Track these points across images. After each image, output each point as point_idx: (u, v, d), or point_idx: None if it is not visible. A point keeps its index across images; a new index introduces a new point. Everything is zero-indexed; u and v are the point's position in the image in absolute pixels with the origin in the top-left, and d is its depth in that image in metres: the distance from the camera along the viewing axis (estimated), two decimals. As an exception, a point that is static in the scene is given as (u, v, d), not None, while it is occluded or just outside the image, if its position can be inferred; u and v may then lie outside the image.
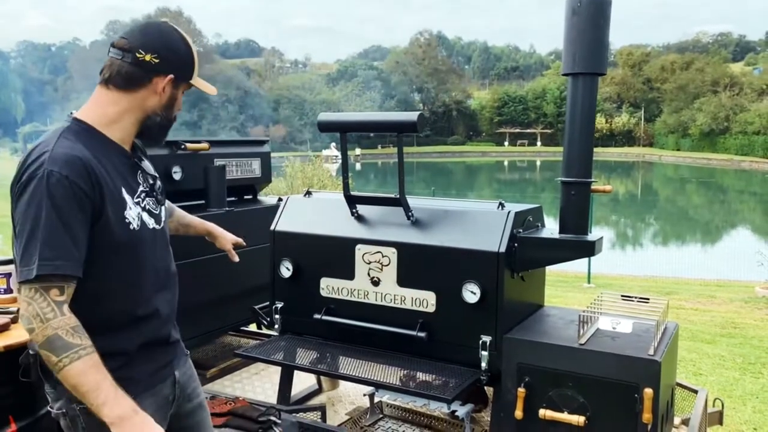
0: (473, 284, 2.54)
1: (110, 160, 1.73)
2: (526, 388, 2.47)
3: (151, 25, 1.86)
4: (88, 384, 1.57)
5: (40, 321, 1.55)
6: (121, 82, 1.75)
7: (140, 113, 1.79)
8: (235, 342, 4.20)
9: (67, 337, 1.56)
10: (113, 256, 1.71)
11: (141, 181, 1.84)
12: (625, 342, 2.44)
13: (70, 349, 1.55)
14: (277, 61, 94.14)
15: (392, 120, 2.72)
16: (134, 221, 1.75)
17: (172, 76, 1.79)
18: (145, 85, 1.77)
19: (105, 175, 1.68)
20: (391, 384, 2.52)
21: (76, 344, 1.56)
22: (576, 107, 2.58)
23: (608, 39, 2.55)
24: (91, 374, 1.57)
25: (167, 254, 1.93)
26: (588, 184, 2.61)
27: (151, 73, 1.76)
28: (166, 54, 1.78)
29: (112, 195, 1.69)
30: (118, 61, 1.75)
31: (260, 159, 4.01)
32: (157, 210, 1.88)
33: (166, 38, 1.81)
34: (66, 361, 1.54)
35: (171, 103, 1.84)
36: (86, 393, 1.57)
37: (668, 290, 11.09)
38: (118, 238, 1.70)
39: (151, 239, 1.82)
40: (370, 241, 2.77)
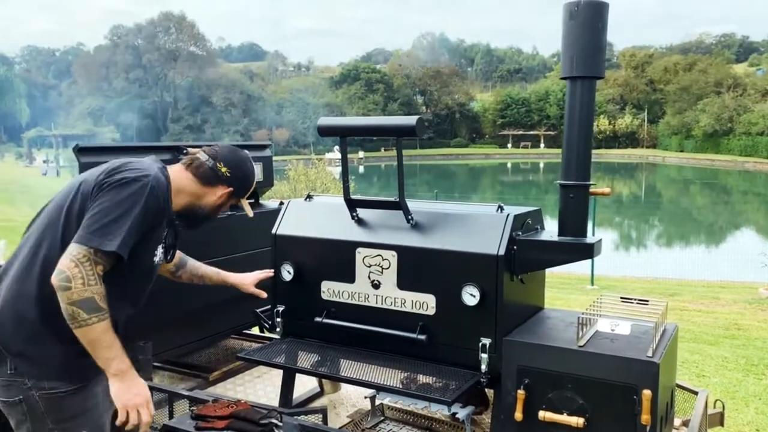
0: (473, 287, 2.56)
1: (169, 210, 2.22)
2: (525, 390, 2.48)
3: (236, 151, 2.46)
4: (106, 341, 1.96)
5: (83, 283, 1.90)
6: (197, 174, 2.31)
7: (196, 201, 2.32)
8: (237, 345, 4.22)
9: (100, 302, 1.93)
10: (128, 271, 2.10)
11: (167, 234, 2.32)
12: (624, 344, 2.45)
13: (100, 311, 1.93)
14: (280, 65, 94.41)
15: (391, 124, 2.74)
16: (157, 256, 2.27)
17: (231, 190, 2.37)
18: (211, 186, 2.33)
19: (166, 215, 2.18)
20: (392, 386, 2.54)
21: (104, 308, 1.95)
22: (574, 110, 2.60)
23: (606, 42, 2.56)
24: (109, 334, 1.97)
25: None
26: (587, 187, 2.62)
27: (218, 181, 2.33)
28: (237, 174, 2.37)
29: (161, 230, 2.18)
30: (203, 160, 2.33)
31: (262, 163, 4.03)
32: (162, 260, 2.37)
33: (243, 163, 2.41)
34: (95, 320, 1.92)
35: (219, 207, 2.39)
36: (102, 348, 1.96)
37: (671, 292, 11.09)
38: (144, 260, 2.16)
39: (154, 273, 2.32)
40: (371, 245, 2.79)
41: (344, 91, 73.32)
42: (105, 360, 1.98)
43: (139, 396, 2.05)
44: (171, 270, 2.71)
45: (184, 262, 2.75)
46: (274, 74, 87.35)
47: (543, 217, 2.94)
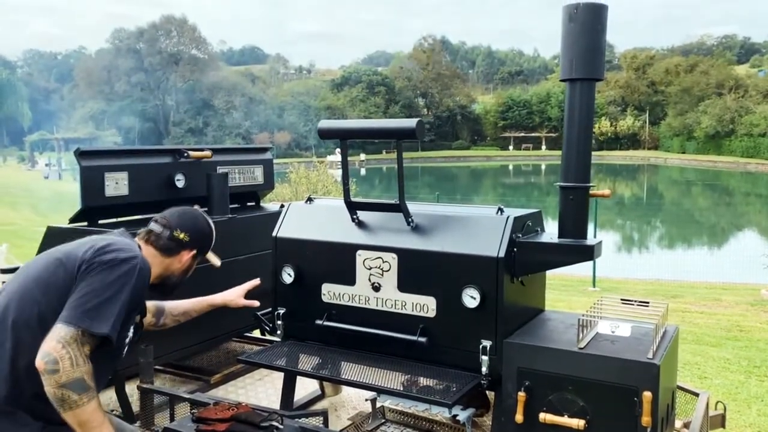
0: (473, 289, 2.56)
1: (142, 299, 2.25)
2: (526, 392, 2.47)
3: (187, 212, 2.46)
4: (97, 420, 1.91)
5: (71, 365, 1.84)
6: (159, 247, 2.32)
7: (163, 272, 2.34)
8: (238, 348, 4.23)
9: (89, 381, 1.89)
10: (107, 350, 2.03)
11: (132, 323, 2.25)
12: (624, 345, 2.45)
13: (89, 390, 1.88)
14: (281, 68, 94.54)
15: (391, 127, 2.74)
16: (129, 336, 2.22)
17: (195, 252, 2.40)
18: (174, 255, 2.35)
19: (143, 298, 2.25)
20: (393, 389, 2.54)
21: (93, 387, 1.90)
22: (574, 112, 2.60)
23: (605, 45, 2.57)
24: (100, 412, 1.93)
25: None
26: (586, 189, 2.62)
27: (180, 248, 2.36)
28: (195, 236, 2.39)
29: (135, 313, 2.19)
30: (158, 232, 2.33)
31: (263, 166, 4.05)
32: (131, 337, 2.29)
33: (197, 222, 2.43)
34: (85, 400, 1.87)
35: (188, 270, 2.42)
36: (93, 429, 1.89)
37: (673, 293, 11.07)
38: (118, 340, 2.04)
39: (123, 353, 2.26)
40: (371, 247, 2.79)
41: (345, 94, 73.37)
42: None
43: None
44: (152, 323, 2.63)
45: (161, 309, 2.68)
46: (275, 77, 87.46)
47: (544, 219, 2.94)
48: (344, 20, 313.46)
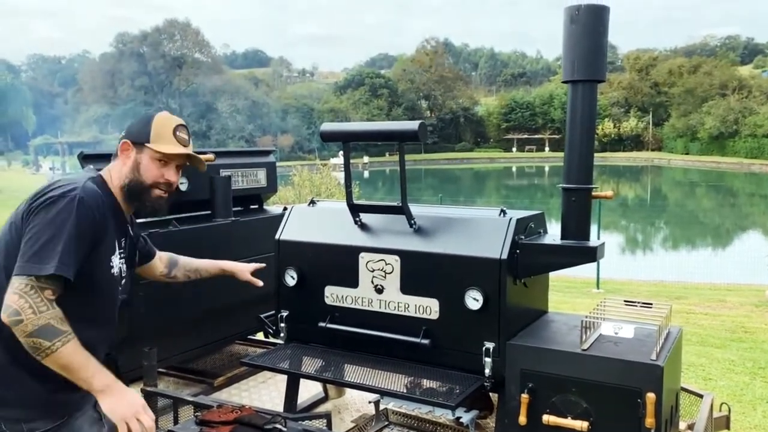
0: (476, 291, 2.56)
1: (114, 216, 2.13)
2: (529, 394, 2.47)
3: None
4: (79, 361, 1.87)
5: (33, 312, 1.81)
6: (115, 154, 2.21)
7: (120, 179, 2.16)
8: (242, 351, 4.23)
9: (58, 325, 1.85)
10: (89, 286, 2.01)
11: (125, 244, 2.23)
12: (627, 347, 2.45)
13: (61, 334, 1.84)
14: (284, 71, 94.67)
15: (394, 129, 2.75)
16: (115, 268, 2.13)
17: (128, 141, 2.17)
18: (118, 154, 2.19)
19: (110, 222, 2.07)
20: (396, 391, 2.54)
21: (66, 330, 1.86)
22: (576, 114, 2.60)
23: (607, 46, 2.57)
24: (80, 353, 1.88)
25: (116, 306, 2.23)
26: (589, 190, 2.62)
27: (120, 143, 2.18)
28: (129, 127, 2.22)
29: (109, 239, 2.07)
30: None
31: (266, 169, 4.05)
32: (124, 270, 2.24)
33: (138, 117, 2.26)
34: (59, 345, 1.83)
35: (136, 167, 2.15)
36: (77, 369, 1.87)
37: (678, 295, 11.04)
38: (98, 273, 2.04)
39: (117, 288, 2.18)
40: (374, 249, 2.79)
41: (348, 97, 73.46)
42: (85, 380, 1.89)
43: (134, 405, 1.94)
44: (163, 272, 2.65)
45: (175, 261, 2.70)
46: (278, 80, 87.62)
47: (546, 220, 2.94)
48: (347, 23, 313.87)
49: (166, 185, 2.19)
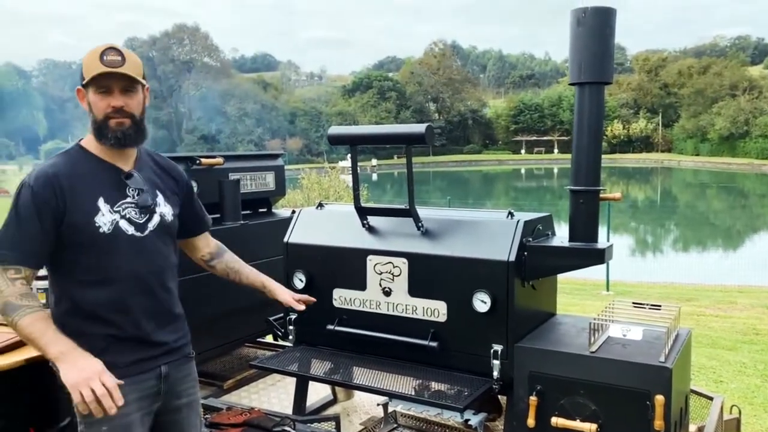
0: (483, 293, 2.56)
1: (94, 175, 2.07)
2: (538, 396, 2.47)
3: None
4: (35, 332, 1.89)
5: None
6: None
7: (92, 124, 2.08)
8: (251, 353, 4.25)
9: (16, 300, 1.90)
10: (82, 254, 2.01)
11: (130, 193, 2.10)
12: (636, 349, 2.45)
13: (19, 309, 1.89)
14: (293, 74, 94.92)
15: (401, 132, 2.76)
16: (105, 226, 2.02)
17: (79, 87, 2.10)
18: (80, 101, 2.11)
19: (76, 185, 2.01)
20: (404, 393, 2.54)
21: (24, 305, 1.90)
22: (583, 116, 2.60)
23: (614, 48, 2.57)
24: (37, 325, 1.89)
25: (155, 263, 2.14)
26: (596, 192, 2.62)
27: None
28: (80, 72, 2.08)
29: (79, 203, 2.00)
30: None
31: (274, 172, 4.07)
32: (141, 219, 2.11)
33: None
34: (16, 318, 1.89)
35: (90, 107, 2.07)
36: (35, 340, 1.89)
37: (688, 297, 10.97)
38: (85, 239, 2.00)
39: (127, 244, 2.06)
40: (381, 252, 2.80)
41: (357, 100, 73.55)
42: (42, 349, 1.90)
43: (85, 370, 1.83)
44: (204, 257, 2.53)
45: (221, 252, 2.56)
46: (287, 84, 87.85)
47: (557, 222, 2.94)
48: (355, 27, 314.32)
49: (116, 111, 2.05)
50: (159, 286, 2.14)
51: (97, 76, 2.01)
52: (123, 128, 2.05)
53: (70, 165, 2.04)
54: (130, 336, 2.06)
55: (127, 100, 2.06)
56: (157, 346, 2.14)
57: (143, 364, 2.09)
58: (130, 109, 2.07)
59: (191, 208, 2.39)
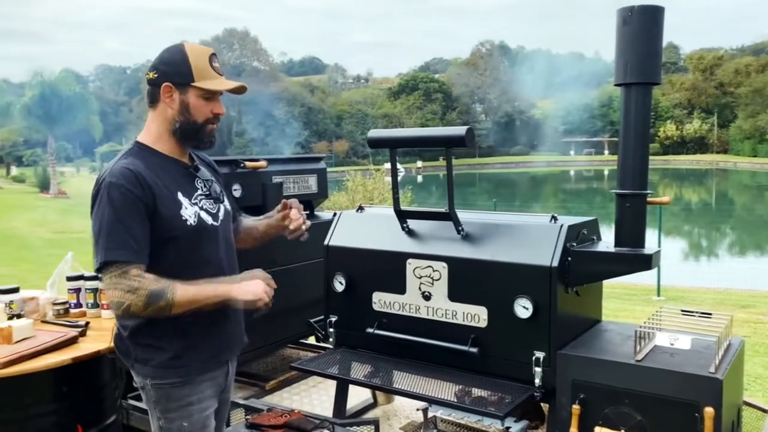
0: (525, 299, 2.52)
1: (166, 170, 2.09)
2: (581, 405, 2.41)
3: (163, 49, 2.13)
4: (195, 292, 1.96)
5: (132, 293, 1.90)
6: (148, 102, 2.11)
7: (167, 124, 2.10)
8: (294, 354, 4.28)
9: (156, 285, 1.92)
10: (173, 246, 2.03)
11: (200, 186, 2.17)
12: (684, 359, 2.36)
13: (165, 290, 1.92)
14: (339, 77, 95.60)
15: (441, 135, 2.73)
16: (191, 218, 2.07)
17: (169, 84, 2.05)
18: (158, 99, 2.08)
19: (158, 182, 2.02)
20: (444, 399, 2.52)
21: (164, 285, 1.93)
22: (630, 118, 2.54)
23: (662, 48, 2.49)
24: (190, 288, 1.96)
25: (227, 249, 2.24)
26: (644, 196, 2.55)
27: (157, 88, 2.07)
28: (162, 68, 2.07)
29: (165, 197, 2.02)
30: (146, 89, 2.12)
31: (317, 175, 4.09)
32: (214, 209, 2.18)
33: (165, 54, 2.09)
34: (171, 297, 1.92)
35: (185, 108, 2.07)
36: (200, 298, 1.96)
37: (744, 303, 10.58)
38: (176, 231, 2.03)
39: (209, 234, 2.12)
40: (421, 256, 2.78)
41: (402, 102, 73.57)
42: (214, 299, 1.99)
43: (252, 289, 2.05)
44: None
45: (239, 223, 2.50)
46: (334, 87, 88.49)
47: (607, 226, 2.87)
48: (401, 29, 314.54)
49: (215, 118, 2.14)
50: (232, 272, 2.22)
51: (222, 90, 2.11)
52: (214, 134, 2.16)
53: (143, 162, 2.04)
54: (212, 327, 2.13)
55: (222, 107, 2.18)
56: (230, 338, 2.24)
57: (220, 356, 2.19)
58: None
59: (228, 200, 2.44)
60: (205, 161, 2.35)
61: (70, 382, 2.42)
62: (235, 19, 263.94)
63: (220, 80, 2.11)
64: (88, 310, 2.84)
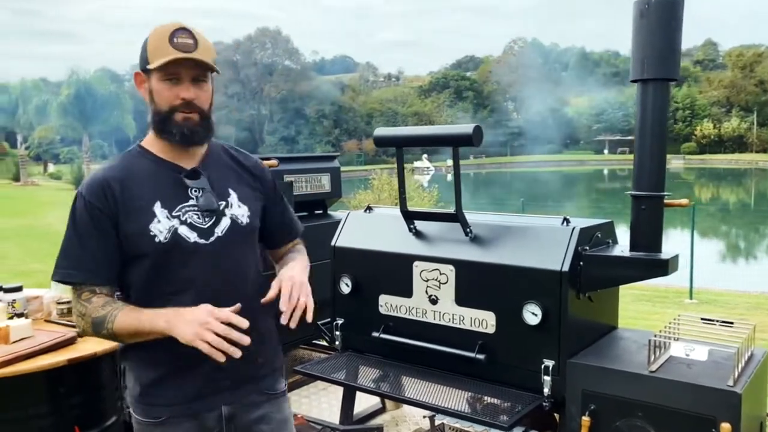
0: (534, 305, 2.41)
1: (153, 177, 1.80)
2: (591, 416, 2.30)
3: None
4: (131, 326, 1.69)
5: (80, 318, 1.74)
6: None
7: (154, 114, 1.81)
8: (306, 356, 4.23)
9: (99, 313, 1.71)
10: (140, 267, 1.78)
11: (193, 195, 1.81)
12: (702, 370, 2.23)
13: (105, 318, 1.70)
14: (370, 76, 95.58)
15: (448, 133, 2.64)
16: (161, 234, 1.75)
17: (138, 72, 1.82)
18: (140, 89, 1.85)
19: (132, 191, 1.77)
20: (448, 408, 2.42)
21: (107, 311, 1.71)
22: (646, 115, 2.41)
23: (680, 41, 2.37)
24: (128, 317, 1.70)
25: (227, 272, 1.83)
26: (660, 198, 2.42)
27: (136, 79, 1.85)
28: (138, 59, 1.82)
29: (134, 210, 1.76)
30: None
31: (330, 174, 4.03)
32: (206, 224, 1.80)
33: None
34: (110, 327, 1.70)
35: (152, 96, 1.79)
36: (137, 331, 1.69)
37: (781, 308, 10.22)
38: (141, 249, 1.76)
39: (189, 253, 1.77)
40: (428, 258, 2.70)
41: (433, 100, 73.34)
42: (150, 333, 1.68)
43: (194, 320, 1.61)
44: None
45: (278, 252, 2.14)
46: (365, 85, 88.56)
47: (615, 230, 2.75)
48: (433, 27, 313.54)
49: (185, 105, 1.76)
50: (227, 298, 1.74)
51: (166, 62, 1.71)
52: (190, 124, 1.77)
53: (125, 168, 1.81)
54: (192, 363, 1.75)
55: (198, 91, 1.77)
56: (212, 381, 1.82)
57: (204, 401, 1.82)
58: (200, 102, 1.78)
59: (275, 211, 2.01)
60: (240, 162, 1.95)
61: (67, 383, 2.39)
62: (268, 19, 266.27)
63: (174, 54, 1.72)
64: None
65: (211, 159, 1.89)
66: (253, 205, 1.90)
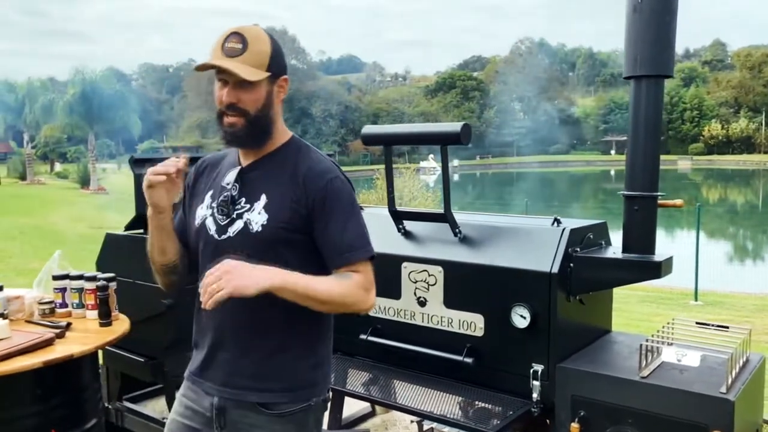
0: (522, 308, 2.35)
1: (222, 167, 1.92)
2: (580, 423, 2.24)
3: None
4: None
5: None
6: None
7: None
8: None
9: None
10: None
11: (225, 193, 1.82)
12: (695, 376, 2.17)
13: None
14: (377, 76, 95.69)
15: (436, 131, 2.58)
16: (197, 219, 1.87)
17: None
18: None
19: (209, 176, 1.93)
20: (434, 414, 2.37)
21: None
22: (639, 114, 2.35)
23: (675, 37, 2.30)
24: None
25: None
26: (654, 198, 2.36)
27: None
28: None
29: (198, 191, 1.93)
30: None
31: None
32: (223, 222, 1.79)
33: None
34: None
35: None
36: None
37: (787, 310, 10.10)
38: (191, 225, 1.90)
39: (206, 244, 1.83)
40: (416, 259, 2.64)
41: (439, 100, 73.31)
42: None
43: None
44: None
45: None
46: (371, 85, 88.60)
47: (609, 231, 2.68)
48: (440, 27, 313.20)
49: (227, 107, 1.74)
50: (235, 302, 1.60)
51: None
52: (234, 128, 1.75)
53: (228, 155, 1.92)
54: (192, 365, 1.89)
55: (242, 94, 1.73)
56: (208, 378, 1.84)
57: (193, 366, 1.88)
58: (244, 104, 1.73)
59: (318, 227, 1.79)
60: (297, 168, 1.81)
61: (44, 385, 2.34)
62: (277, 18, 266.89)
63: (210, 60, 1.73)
64: (74, 310, 2.77)
65: (269, 158, 1.84)
66: (281, 214, 1.75)
